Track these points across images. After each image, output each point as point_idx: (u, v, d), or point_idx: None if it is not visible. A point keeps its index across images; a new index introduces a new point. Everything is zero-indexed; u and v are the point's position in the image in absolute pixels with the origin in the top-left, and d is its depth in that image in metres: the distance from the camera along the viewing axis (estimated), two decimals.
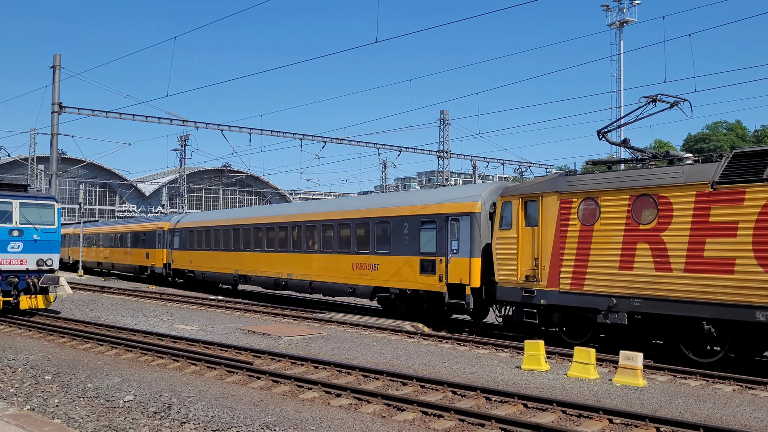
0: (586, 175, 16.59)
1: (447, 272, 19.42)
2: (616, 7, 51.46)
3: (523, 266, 16.90)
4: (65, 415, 9.77)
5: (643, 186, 14.71)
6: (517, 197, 17.30)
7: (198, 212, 46.89)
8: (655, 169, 15.10)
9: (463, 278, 18.84)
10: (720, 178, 13.45)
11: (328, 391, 11.32)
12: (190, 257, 35.06)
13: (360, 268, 22.75)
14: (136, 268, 42.36)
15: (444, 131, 49.85)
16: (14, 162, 72.21)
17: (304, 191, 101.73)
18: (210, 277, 33.34)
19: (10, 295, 20.23)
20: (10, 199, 20.51)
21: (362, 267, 22.65)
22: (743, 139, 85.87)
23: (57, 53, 31.32)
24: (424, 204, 20.93)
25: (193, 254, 34.79)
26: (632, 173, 15.29)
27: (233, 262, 30.65)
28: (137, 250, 42.17)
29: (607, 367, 14.04)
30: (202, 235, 33.89)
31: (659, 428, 9.23)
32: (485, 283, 18.50)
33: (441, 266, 19.66)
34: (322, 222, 25.00)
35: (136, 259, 42.11)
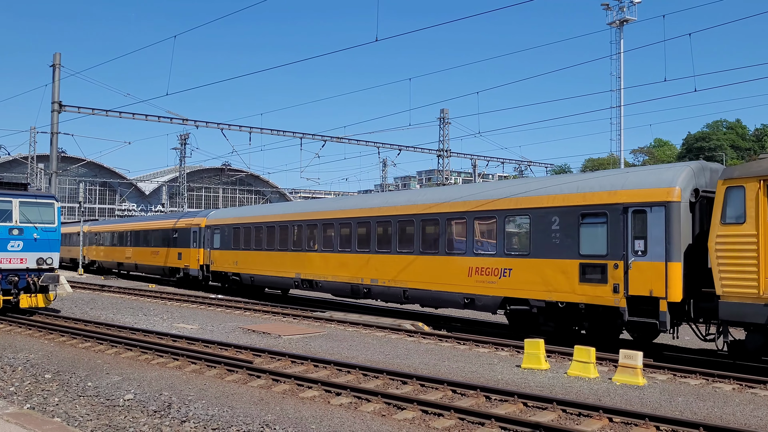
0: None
1: (627, 281, 15.07)
2: (617, 5, 51.43)
3: (767, 275, 12.69)
4: (65, 414, 9.78)
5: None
6: (756, 180, 12.98)
7: (241, 207, 41.34)
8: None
9: (655, 289, 14.54)
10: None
11: (328, 389, 11.32)
12: (235, 258, 30.88)
13: (482, 274, 18.42)
14: (166, 269, 38.42)
15: (444, 130, 49.83)
16: (14, 161, 72.22)
17: (304, 190, 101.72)
18: (262, 281, 29.17)
19: (10, 294, 20.22)
20: (10, 197, 20.50)
21: (485, 272, 18.34)
22: (743, 138, 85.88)
23: (57, 52, 31.30)
24: (585, 192, 16.48)
25: (239, 254, 30.51)
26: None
27: (294, 264, 26.40)
28: (167, 249, 38.06)
29: (607, 365, 14.05)
30: (252, 233, 29.58)
31: (659, 427, 9.23)
32: (690, 296, 14.45)
33: (616, 273, 15.28)
34: (423, 217, 20.62)
35: (166, 259, 38.16)
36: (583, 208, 16.28)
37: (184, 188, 69.26)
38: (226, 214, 33.47)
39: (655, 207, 14.87)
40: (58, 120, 31.28)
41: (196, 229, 34.64)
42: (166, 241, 38.20)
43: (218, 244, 32.39)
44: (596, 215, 15.97)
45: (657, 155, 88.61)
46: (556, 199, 16.93)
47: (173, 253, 37.20)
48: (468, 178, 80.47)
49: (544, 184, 17.74)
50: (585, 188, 16.60)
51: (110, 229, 48.43)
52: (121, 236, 45.82)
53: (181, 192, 69.47)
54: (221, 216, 33.33)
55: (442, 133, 49.86)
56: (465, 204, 19.37)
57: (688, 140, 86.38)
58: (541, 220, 17.02)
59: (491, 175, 76.96)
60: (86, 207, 75.25)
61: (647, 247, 14.86)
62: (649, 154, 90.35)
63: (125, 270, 46.46)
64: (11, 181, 22.92)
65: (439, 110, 50.64)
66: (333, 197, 29.65)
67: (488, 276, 18.30)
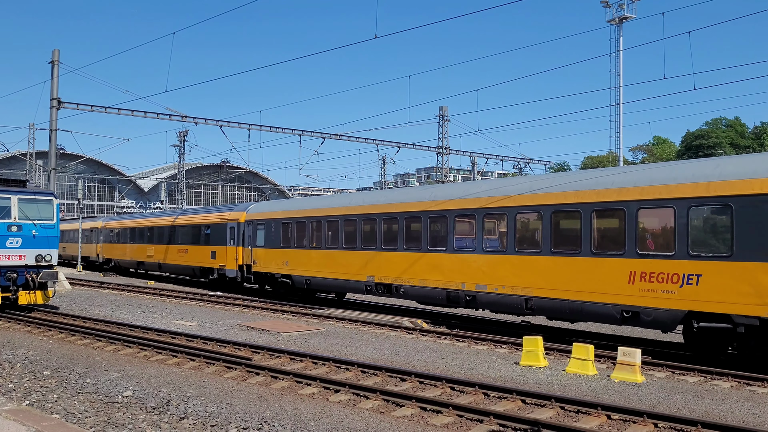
0: None
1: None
2: (616, 3, 51.34)
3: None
4: (64, 411, 9.78)
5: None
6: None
7: (292, 199, 36.86)
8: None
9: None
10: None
11: (326, 386, 11.33)
12: (284, 257, 26.80)
13: (651, 281, 14.30)
14: (196, 270, 34.41)
15: (443, 127, 49.81)
16: (13, 157, 72.19)
17: (303, 187, 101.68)
18: (320, 284, 25.24)
19: (8, 291, 20.23)
20: (9, 194, 20.49)
21: (657, 279, 14.19)
22: (742, 135, 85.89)
23: (56, 48, 31.34)
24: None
25: (290, 253, 26.44)
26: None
27: (365, 265, 22.37)
28: (198, 247, 33.98)
29: (606, 363, 14.06)
30: (308, 229, 25.61)
31: (657, 424, 9.25)
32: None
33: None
34: (556, 208, 16.46)
35: (196, 258, 34.09)
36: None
37: (183, 185, 69.21)
38: (273, 207, 29.44)
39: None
40: (57, 117, 31.24)
41: (234, 224, 30.58)
42: (197, 238, 34.33)
43: (262, 241, 28.45)
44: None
45: (656, 153, 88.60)
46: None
47: (205, 252, 33.18)
48: (467, 175, 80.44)
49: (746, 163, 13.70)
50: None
51: (130, 224, 44.00)
52: (141, 233, 41.60)
53: (180, 189, 69.42)
54: (266, 210, 29.25)
55: (442, 130, 49.84)
56: (626, 192, 15.07)
57: (688, 138, 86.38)
58: (759, 211, 12.76)
59: (490, 173, 76.97)
60: (85, 204, 75.19)
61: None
62: (649, 151, 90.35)
63: (146, 269, 42.53)
64: (10, 178, 22.90)
65: (439, 107, 50.67)
66: (416, 186, 24.65)
67: (661, 283, 14.16)
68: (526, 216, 17.35)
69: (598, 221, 15.62)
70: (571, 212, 16.20)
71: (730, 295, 13.07)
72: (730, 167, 13.63)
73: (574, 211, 16.08)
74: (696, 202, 13.79)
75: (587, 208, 15.75)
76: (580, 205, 15.95)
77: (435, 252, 19.90)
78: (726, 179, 13.43)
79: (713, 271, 13.39)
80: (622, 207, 15.03)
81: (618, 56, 50.99)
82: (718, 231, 13.60)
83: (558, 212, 16.50)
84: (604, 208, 15.47)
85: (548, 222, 16.63)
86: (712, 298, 13.39)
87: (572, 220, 16.17)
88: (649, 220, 14.74)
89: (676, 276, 13.99)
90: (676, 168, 14.80)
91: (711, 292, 13.40)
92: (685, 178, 14.17)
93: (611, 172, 16.46)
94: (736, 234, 13.11)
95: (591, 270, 15.54)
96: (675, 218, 14.04)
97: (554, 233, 16.51)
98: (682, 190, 14.04)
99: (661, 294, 14.20)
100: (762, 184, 12.85)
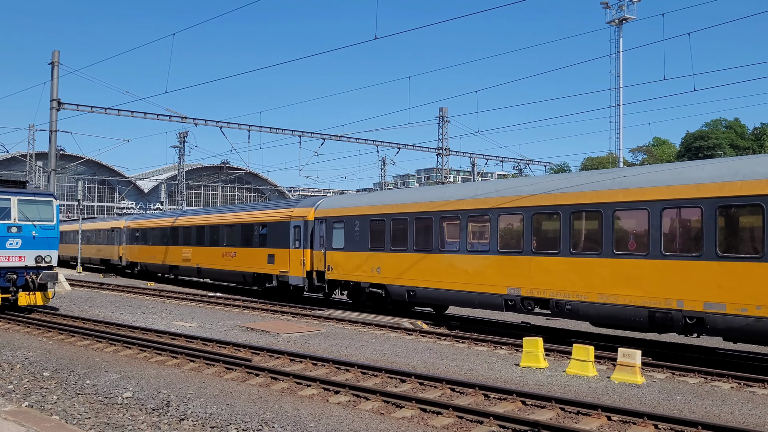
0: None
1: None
2: (616, 4, 51.39)
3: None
4: (64, 412, 9.77)
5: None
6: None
7: (380, 192, 30.42)
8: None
9: None
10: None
11: (326, 388, 11.32)
12: (375, 262, 21.96)
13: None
14: (248, 276, 29.49)
15: (443, 128, 49.82)
16: (13, 158, 72.23)
17: (303, 188, 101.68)
18: (429, 296, 20.20)
19: (8, 292, 20.22)
20: (9, 195, 20.49)
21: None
22: (742, 137, 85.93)
23: (56, 50, 31.26)
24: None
25: (385, 258, 21.52)
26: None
27: (506, 274, 17.65)
28: (250, 250, 29.31)
29: (606, 364, 14.06)
30: (411, 227, 20.64)
31: (657, 425, 9.24)
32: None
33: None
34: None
35: (248, 263, 29.33)
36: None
37: (183, 186, 69.23)
38: (355, 201, 24.32)
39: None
40: (57, 118, 31.24)
41: (299, 222, 25.96)
42: (248, 239, 29.56)
43: (341, 243, 23.56)
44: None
45: (656, 154, 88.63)
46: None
47: (260, 255, 28.38)
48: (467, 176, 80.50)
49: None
50: None
51: (161, 224, 39.00)
52: (175, 233, 36.56)
53: (180, 190, 69.45)
54: (345, 204, 24.28)
55: (441, 131, 49.85)
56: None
57: (687, 139, 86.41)
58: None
59: (490, 174, 76.98)
60: (85, 205, 75.19)
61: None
62: (648, 152, 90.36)
63: (181, 274, 37.13)
64: (10, 179, 22.91)
65: (438, 109, 50.68)
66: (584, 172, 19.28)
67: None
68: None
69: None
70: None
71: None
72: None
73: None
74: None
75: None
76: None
77: (628, 258, 14.95)
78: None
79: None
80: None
81: (618, 57, 51.02)
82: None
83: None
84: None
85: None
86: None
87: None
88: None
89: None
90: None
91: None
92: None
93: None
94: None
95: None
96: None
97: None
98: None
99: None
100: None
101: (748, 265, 12.94)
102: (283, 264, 26.74)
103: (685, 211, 14.16)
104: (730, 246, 13.40)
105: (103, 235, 47.07)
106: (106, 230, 46.81)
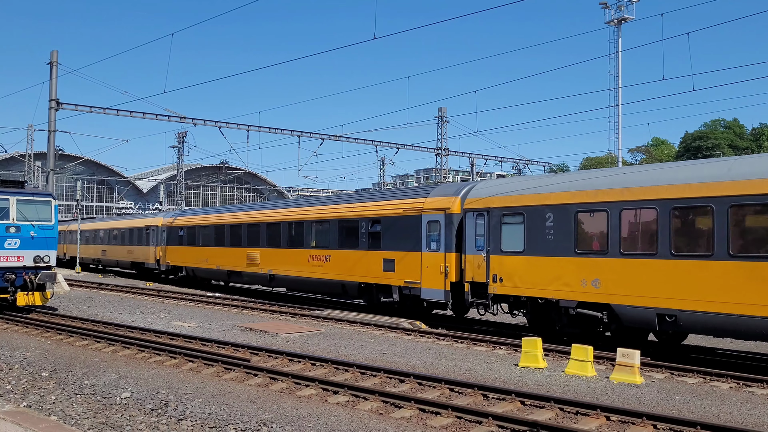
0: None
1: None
2: (615, 4, 51.41)
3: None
4: (62, 412, 9.75)
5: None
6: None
7: (566, 174, 19.54)
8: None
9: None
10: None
11: (325, 388, 11.31)
12: (590, 271, 15.54)
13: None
14: (351, 287, 23.50)
15: (442, 129, 49.82)
16: (11, 158, 72.16)
17: (302, 188, 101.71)
18: (719, 326, 13.30)
19: (7, 292, 20.20)
20: (7, 195, 20.47)
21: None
22: (741, 137, 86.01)
23: (54, 49, 31.25)
24: None
25: (609, 265, 15.15)
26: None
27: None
28: (355, 253, 23.09)
29: (605, 364, 14.06)
30: (671, 221, 14.11)
31: (656, 425, 9.24)
32: None
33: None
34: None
35: (350, 269, 23.32)
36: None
37: (182, 186, 69.19)
38: (538, 184, 17.52)
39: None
40: (56, 118, 31.22)
41: (437, 216, 20.03)
42: (350, 238, 23.60)
43: (517, 243, 17.28)
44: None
45: (655, 154, 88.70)
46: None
47: (370, 260, 22.40)
48: (466, 176, 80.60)
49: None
50: None
51: (215, 220, 32.73)
52: (236, 231, 30.49)
53: (178, 190, 69.41)
54: (522, 189, 17.65)
55: (440, 131, 49.86)
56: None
57: (686, 139, 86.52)
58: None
59: (489, 174, 77.04)
60: (83, 205, 75.17)
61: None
62: (647, 153, 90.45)
63: (246, 282, 30.65)
64: (8, 179, 22.88)
65: (437, 109, 50.68)
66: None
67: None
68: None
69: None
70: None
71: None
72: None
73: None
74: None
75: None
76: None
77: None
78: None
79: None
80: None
81: (617, 57, 51.03)
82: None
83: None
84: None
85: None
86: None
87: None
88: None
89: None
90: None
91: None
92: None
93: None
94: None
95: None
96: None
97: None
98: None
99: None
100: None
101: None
102: (410, 272, 20.69)
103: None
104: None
105: (135, 234, 41.61)
106: (138, 229, 41.16)
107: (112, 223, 47.61)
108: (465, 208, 18.87)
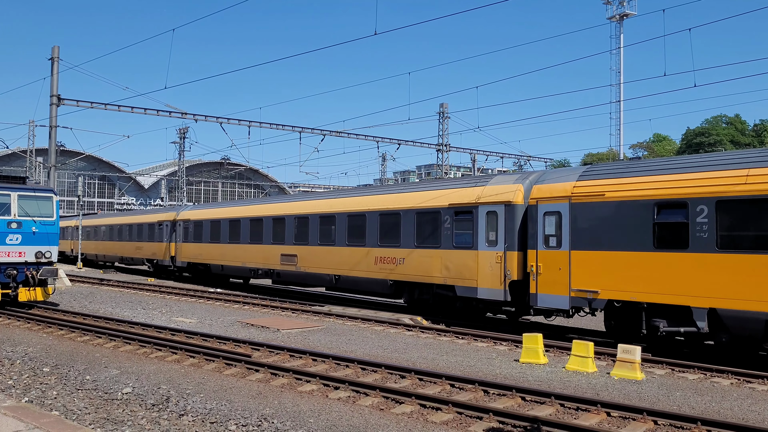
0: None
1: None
2: (616, 0, 51.30)
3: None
4: (63, 407, 9.77)
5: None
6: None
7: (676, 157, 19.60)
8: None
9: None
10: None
11: (326, 383, 11.32)
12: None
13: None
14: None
15: (443, 124, 49.76)
16: (13, 154, 72.16)
17: (303, 184, 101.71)
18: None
19: (8, 288, 20.24)
20: (9, 191, 20.49)
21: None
22: (743, 133, 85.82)
23: (56, 45, 31.27)
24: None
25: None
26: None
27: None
28: (418, 253, 20.16)
29: (606, 360, 14.06)
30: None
31: (657, 421, 9.24)
32: None
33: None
34: None
35: (399, 266, 20.80)
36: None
37: (183, 182, 69.18)
38: (634, 170, 15.10)
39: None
40: (57, 113, 31.23)
41: (497, 208, 17.97)
42: (399, 231, 20.97)
43: (619, 238, 14.76)
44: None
45: (656, 150, 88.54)
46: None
47: (426, 259, 19.90)
48: (467, 172, 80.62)
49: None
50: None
51: (240, 213, 30.09)
52: (266, 225, 27.79)
53: (180, 186, 69.41)
54: (618, 171, 15.46)
55: (442, 127, 49.79)
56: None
57: (688, 135, 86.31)
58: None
59: (490, 170, 76.97)
60: (85, 201, 75.18)
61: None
62: (649, 149, 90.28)
63: (276, 281, 27.98)
64: (10, 175, 22.90)
65: (439, 105, 50.61)
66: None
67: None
68: None
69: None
70: None
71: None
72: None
73: None
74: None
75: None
76: None
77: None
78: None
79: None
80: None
81: (618, 53, 50.95)
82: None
83: None
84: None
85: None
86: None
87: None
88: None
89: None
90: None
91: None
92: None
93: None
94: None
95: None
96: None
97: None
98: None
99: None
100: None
101: None
102: (466, 270, 18.69)
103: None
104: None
105: (147, 230, 39.63)
106: (149, 224, 39.22)
107: (122, 218, 45.73)
108: (534, 198, 16.69)
